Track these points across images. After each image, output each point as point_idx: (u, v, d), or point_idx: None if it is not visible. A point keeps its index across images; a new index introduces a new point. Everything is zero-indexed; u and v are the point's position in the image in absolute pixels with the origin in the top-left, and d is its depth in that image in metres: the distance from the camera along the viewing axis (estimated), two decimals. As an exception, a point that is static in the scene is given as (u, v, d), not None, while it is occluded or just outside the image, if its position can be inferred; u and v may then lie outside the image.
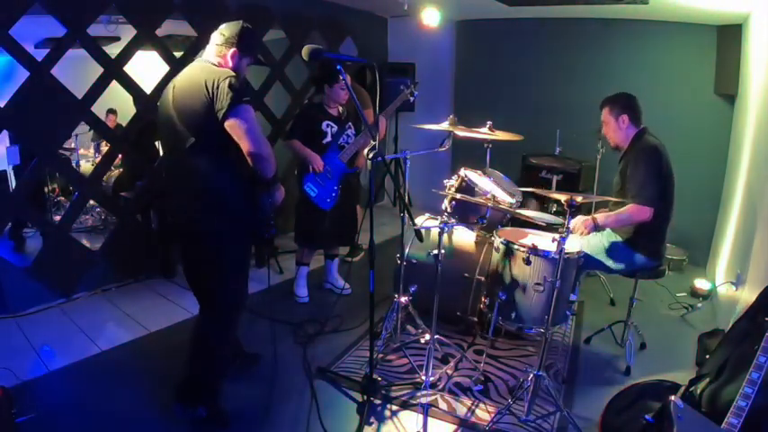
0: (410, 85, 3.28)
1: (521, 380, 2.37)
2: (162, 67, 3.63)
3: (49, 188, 5.12)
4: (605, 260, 2.62)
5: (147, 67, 4.45)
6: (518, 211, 2.67)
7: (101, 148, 5.37)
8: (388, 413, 2.27)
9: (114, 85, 3.41)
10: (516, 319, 2.44)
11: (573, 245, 2.44)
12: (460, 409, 2.30)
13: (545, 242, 2.43)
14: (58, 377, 2.50)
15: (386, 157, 2.28)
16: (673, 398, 1.49)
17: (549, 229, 2.58)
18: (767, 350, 1.42)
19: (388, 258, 3.18)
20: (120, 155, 3.83)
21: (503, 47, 5.27)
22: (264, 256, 3.93)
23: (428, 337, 2.55)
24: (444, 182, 2.81)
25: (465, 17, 5.43)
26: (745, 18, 3.73)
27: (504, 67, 5.29)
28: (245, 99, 1.81)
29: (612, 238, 2.64)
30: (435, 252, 2.48)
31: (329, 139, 3.18)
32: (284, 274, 3.92)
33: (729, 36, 3.97)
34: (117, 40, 4.53)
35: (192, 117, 1.85)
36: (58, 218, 4.43)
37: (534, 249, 2.32)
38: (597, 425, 1.95)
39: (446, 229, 2.55)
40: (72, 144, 5.31)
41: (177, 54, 3.73)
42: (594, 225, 2.51)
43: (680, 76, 4.29)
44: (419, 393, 2.39)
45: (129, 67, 3.48)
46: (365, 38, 5.44)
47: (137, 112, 3.64)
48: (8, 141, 4.73)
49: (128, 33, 3.51)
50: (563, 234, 2.13)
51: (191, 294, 2.15)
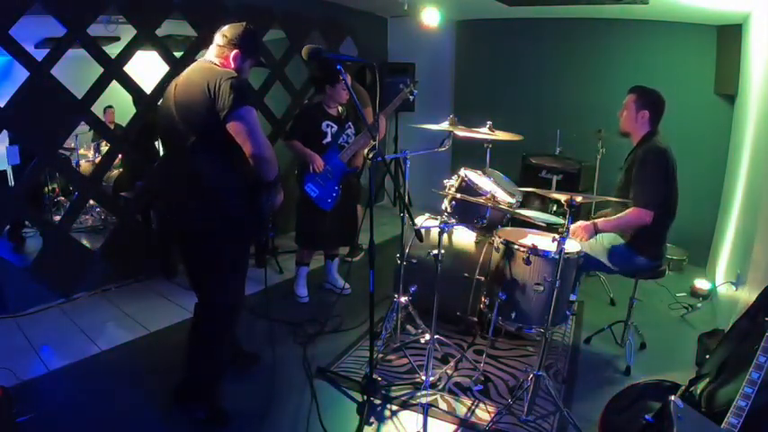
0: (409, 84, 3.28)
1: (521, 380, 2.37)
2: (162, 67, 3.63)
3: (49, 188, 5.12)
4: (606, 261, 2.62)
5: (147, 68, 4.46)
6: (518, 211, 2.68)
7: (100, 148, 5.36)
8: (388, 413, 2.27)
9: (113, 84, 3.41)
10: (516, 319, 2.44)
11: (573, 245, 2.43)
12: (460, 409, 2.30)
13: (545, 242, 2.43)
14: (58, 377, 2.50)
15: (386, 157, 2.28)
16: (673, 398, 1.49)
17: (549, 229, 2.58)
18: (767, 350, 1.42)
19: (388, 258, 3.17)
20: (120, 155, 3.83)
21: (503, 47, 5.27)
22: (263, 256, 3.94)
23: (428, 337, 2.55)
24: (444, 182, 2.81)
25: (465, 17, 5.43)
26: (745, 18, 3.73)
27: (504, 67, 5.29)
28: (247, 100, 1.79)
29: (613, 240, 2.63)
30: (435, 252, 2.48)
31: (329, 139, 3.18)
32: (284, 274, 3.92)
33: (729, 36, 3.97)
34: (117, 40, 4.53)
35: (194, 117, 1.84)
36: (57, 218, 4.43)
37: (534, 249, 2.32)
38: (597, 425, 1.95)
39: (446, 229, 2.56)
40: (72, 144, 5.31)
41: (177, 54, 3.74)
42: (595, 230, 2.51)
43: (680, 76, 4.28)
44: (419, 393, 2.39)
45: (129, 67, 3.48)
46: (365, 38, 5.44)
47: (137, 112, 3.64)
48: (8, 141, 4.72)
49: (128, 33, 3.51)
50: (563, 234, 2.13)
51: (191, 294, 2.15)
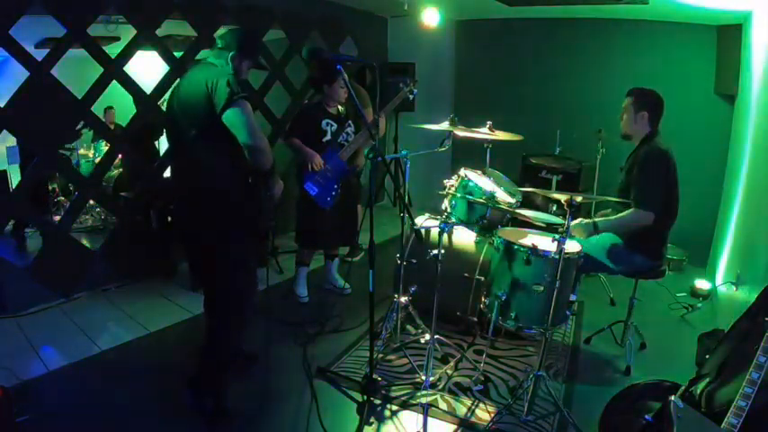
0: (409, 83, 3.28)
1: (521, 380, 2.37)
2: (162, 67, 3.63)
3: (50, 188, 5.12)
4: (605, 261, 2.62)
5: (147, 68, 4.46)
6: (518, 211, 2.68)
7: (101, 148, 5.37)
8: (388, 413, 2.27)
9: (113, 84, 3.41)
10: (516, 319, 2.43)
11: (573, 245, 2.43)
12: (460, 409, 2.30)
13: (545, 242, 2.43)
14: (58, 377, 2.50)
15: (386, 156, 2.28)
16: (673, 398, 1.49)
17: (549, 228, 2.58)
18: (767, 350, 1.42)
19: (388, 258, 3.17)
20: (120, 155, 3.83)
21: (503, 47, 5.27)
22: (264, 255, 3.93)
23: (428, 337, 2.55)
24: (444, 182, 2.81)
25: (465, 17, 5.43)
26: (745, 18, 3.73)
27: (504, 67, 5.29)
28: (241, 94, 1.90)
29: (613, 239, 2.63)
30: (435, 252, 2.48)
31: (329, 137, 3.18)
32: (284, 274, 3.91)
33: (729, 36, 3.97)
34: (117, 40, 4.53)
35: (194, 112, 1.96)
36: (57, 218, 4.43)
37: (534, 249, 2.32)
38: (597, 425, 1.95)
39: (446, 229, 2.56)
40: (72, 144, 5.31)
41: (177, 54, 3.74)
42: (594, 229, 2.51)
43: (680, 76, 4.28)
44: (419, 393, 2.39)
45: (129, 68, 3.48)
46: (365, 38, 5.44)
47: (137, 111, 3.64)
48: (13, 141, 4.72)
49: (128, 33, 3.51)
50: (563, 234, 2.13)
51: (191, 294, 2.16)
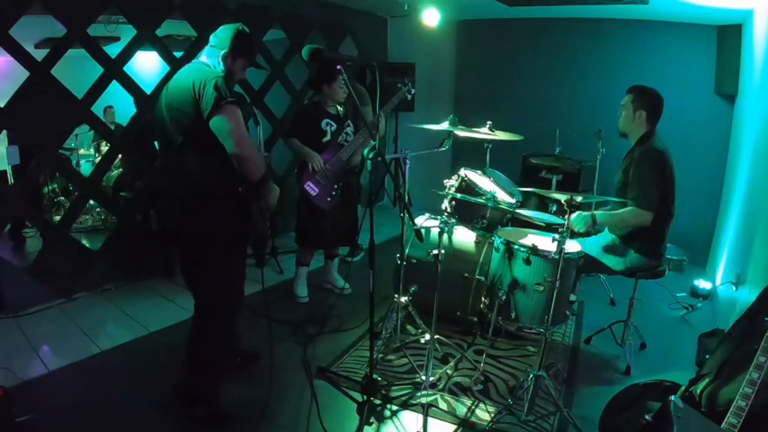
0: (407, 83, 3.28)
1: (521, 380, 2.37)
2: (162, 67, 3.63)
3: (49, 188, 5.12)
4: (605, 261, 2.62)
5: (147, 68, 4.46)
6: (518, 211, 2.68)
7: (100, 148, 5.36)
8: (388, 413, 2.27)
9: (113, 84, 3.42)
10: (516, 319, 2.44)
11: (573, 245, 2.43)
12: (460, 409, 2.30)
13: (545, 242, 2.43)
14: (58, 377, 2.50)
15: (386, 156, 2.28)
16: (673, 398, 1.49)
17: (549, 228, 2.58)
18: (767, 350, 1.42)
19: (388, 258, 3.17)
20: (120, 155, 3.83)
21: (503, 47, 5.27)
22: (263, 256, 3.93)
23: (428, 337, 2.55)
24: (444, 182, 2.81)
25: (465, 17, 5.43)
26: (745, 18, 3.73)
27: (504, 67, 5.29)
28: (229, 99, 1.80)
29: (612, 239, 2.64)
30: (435, 252, 2.48)
31: (328, 137, 3.18)
32: (284, 274, 3.91)
33: (729, 36, 3.97)
34: (117, 40, 4.53)
35: (181, 117, 1.87)
36: (57, 218, 4.43)
37: (534, 249, 2.32)
38: (597, 425, 1.95)
39: (446, 229, 2.56)
40: (72, 144, 5.31)
41: (177, 54, 3.73)
42: (594, 223, 2.51)
43: (680, 76, 4.29)
44: (419, 393, 2.39)
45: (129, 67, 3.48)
46: (365, 38, 5.44)
47: (137, 111, 3.64)
48: (8, 141, 4.72)
49: (128, 33, 3.51)
50: (563, 234, 2.13)
51: (191, 294, 2.15)
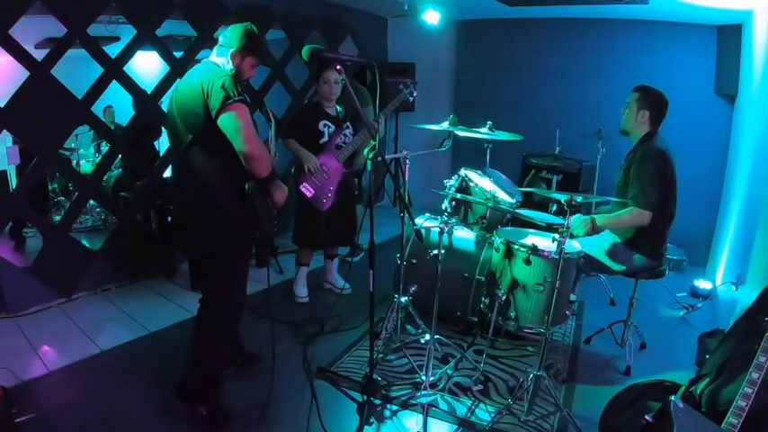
0: (409, 84, 3.28)
1: (521, 380, 2.37)
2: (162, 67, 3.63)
3: (50, 188, 5.12)
4: (605, 261, 2.62)
5: (147, 68, 4.46)
6: (518, 211, 2.68)
7: (100, 147, 5.37)
8: (388, 413, 2.28)
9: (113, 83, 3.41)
10: (516, 319, 2.44)
11: (573, 245, 2.43)
12: (460, 409, 2.30)
13: (545, 242, 2.43)
14: (58, 377, 2.50)
15: (385, 156, 2.28)
16: (673, 398, 1.49)
17: (549, 228, 2.58)
18: (767, 350, 1.42)
19: (388, 258, 3.17)
20: (120, 155, 3.83)
21: (503, 47, 5.27)
22: (264, 255, 3.93)
23: (428, 337, 2.55)
24: (444, 182, 2.81)
25: (465, 17, 5.43)
26: (745, 18, 3.73)
27: (504, 67, 5.29)
28: (237, 98, 1.83)
29: (613, 239, 2.63)
30: (435, 252, 2.48)
31: (326, 139, 3.18)
32: (284, 274, 3.91)
33: (729, 36, 3.97)
34: (117, 40, 4.53)
35: (190, 116, 1.90)
36: (58, 218, 4.43)
37: (534, 249, 2.32)
38: (597, 425, 1.95)
39: (446, 229, 2.56)
40: (72, 144, 5.30)
41: (177, 54, 3.74)
42: (593, 226, 2.51)
43: (680, 76, 4.29)
44: (419, 393, 2.40)
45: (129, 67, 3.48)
46: (365, 38, 5.44)
47: (137, 112, 3.63)
48: (9, 141, 4.72)
49: (128, 33, 3.51)
50: (563, 234, 2.13)
51: (191, 294, 2.16)
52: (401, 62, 5.70)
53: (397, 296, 2.78)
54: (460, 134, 2.82)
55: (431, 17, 4.77)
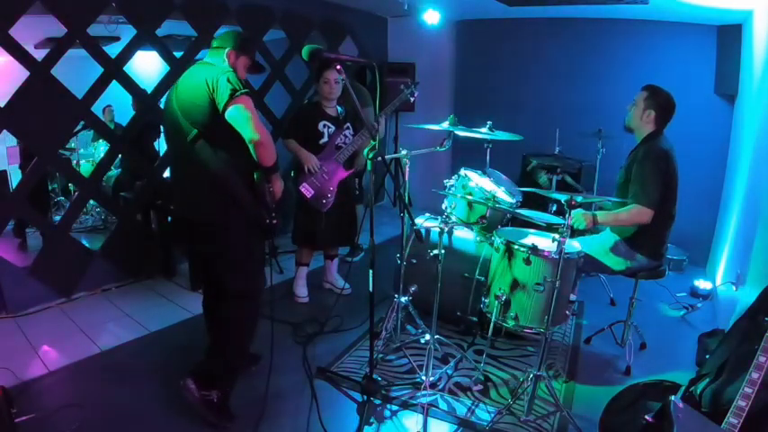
0: (410, 84, 3.28)
1: (521, 380, 2.37)
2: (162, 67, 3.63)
3: (50, 188, 5.12)
4: (606, 261, 2.62)
5: (147, 68, 4.45)
6: (518, 211, 2.68)
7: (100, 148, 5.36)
8: (388, 413, 2.28)
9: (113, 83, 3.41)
10: (516, 319, 2.43)
11: (573, 245, 2.43)
12: (460, 409, 2.30)
13: (545, 242, 2.43)
14: (58, 377, 2.50)
15: (385, 157, 2.28)
16: (673, 398, 1.49)
17: (549, 228, 2.58)
18: (767, 350, 1.42)
19: (388, 258, 3.17)
20: (120, 155, 3.83)
21: (503, 47, 5.27)
22: (271, 246, 3.91)
23: (428, 337, 2.55)
24: (444, 182, 2.81)
25: (465, 17, 5.43)
26: (745, 18, 3.73)
27: (504, 67, 5.29)
28: (243, 90, 1.90)
29: (613, 239, 2.64)
30: (435, 252, 2.48)
31: (326, 139, 3.18)
32: (284, 274, 3.91)
33: (729, 36, 3.97)
34: (117, 40, 4.53)
35: (195, 112, 1.96)
36: (58, 218, 4.43)
37: (534, 249, 2.32)
38: (597, 425, 1.95)
39: (446, 229, 2.55)
40: (72, 144, 5.30)
41: (177, 54, 3.73)
42: (594, 222, 2.51)
43: (680, 76, 4.28)
44: (419, 393, 2.40)
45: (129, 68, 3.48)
46: (365, 38, 5.44)
47: (136, 112, 3.63)
48: (10, 141, 4.72)
49: (128, 33, 3.51)
50: (563, 234, 2.13)
51: (191, 294, 2.16)
52: (401, 62, 5.70)
53: (397, 296, 2.78)
54: (460, 134, 2.82)
55: (431, 17, 4.78)
